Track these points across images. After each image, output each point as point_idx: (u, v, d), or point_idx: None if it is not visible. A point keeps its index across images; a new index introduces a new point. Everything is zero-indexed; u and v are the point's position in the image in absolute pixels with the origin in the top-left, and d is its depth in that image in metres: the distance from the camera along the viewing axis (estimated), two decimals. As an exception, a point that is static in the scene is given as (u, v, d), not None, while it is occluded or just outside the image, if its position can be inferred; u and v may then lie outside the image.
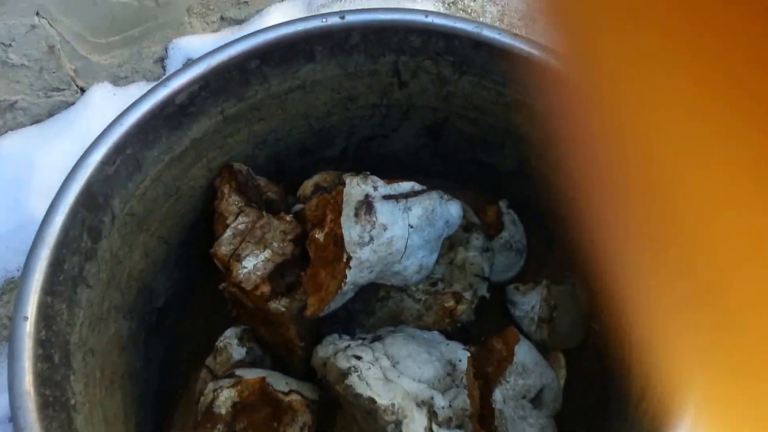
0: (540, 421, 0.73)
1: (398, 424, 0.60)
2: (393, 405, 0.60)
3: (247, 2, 1.14)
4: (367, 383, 0.62)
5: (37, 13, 0.94)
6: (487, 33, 0.70)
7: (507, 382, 0.74)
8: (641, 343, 0.63)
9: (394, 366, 0.65)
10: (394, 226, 0.67)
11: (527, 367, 0.75)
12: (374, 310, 0.77)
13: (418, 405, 0.62)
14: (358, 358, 0.64)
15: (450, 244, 0.79)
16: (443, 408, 0.63)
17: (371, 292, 0.76)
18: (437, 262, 0.78)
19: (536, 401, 0.75)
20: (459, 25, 0.70)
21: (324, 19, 0.71)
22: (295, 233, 0.75)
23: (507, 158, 0.88)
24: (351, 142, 0.90)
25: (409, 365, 0.65)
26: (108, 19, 1.00)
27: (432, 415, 0.63)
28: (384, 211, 0.66)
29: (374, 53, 0.75)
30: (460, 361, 0.68)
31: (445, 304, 0.76)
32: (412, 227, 0.68)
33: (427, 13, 0.71)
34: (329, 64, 0.76)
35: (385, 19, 0.71)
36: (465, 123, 0.85)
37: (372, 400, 0.61)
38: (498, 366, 0.74)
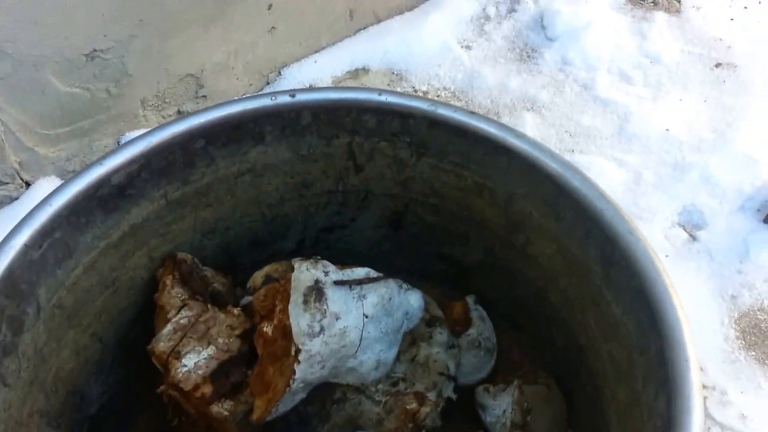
0: None
1: None
2: None
3: (205, 96, 1.13)
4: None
5: (-20, 102, 0.91)
6: (443, 111, 0.68)
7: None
8: None
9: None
10: (347, 316, 0.61)
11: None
12: (329, 414, 0.70)
13: None
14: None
15: (412, 339, 0.74)
16: None
17: (326, 393, 0.69)
18: (398, 359, 0.73)
19: None
20: (414, 103, 0.68)
21: (273, 98, 0.68)
22: (243, 328, 0.70)
23: (472, 249, 0.84)
24: (308, 233, 0.86)
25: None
26: (57, 110, 0.97)
27: None
28: (336, 299, 0.61)
29: (327, 134, 0.73)
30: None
31: (407, 407, 0.70)
32: (367, 317, 0.63)
33: (380, 91, 0.69)
34: (280, 146, 0.73)
35: (338, 98, 0.69)
36: (426, 211, 0.82)
37: None
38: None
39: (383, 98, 0.69)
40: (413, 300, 0.68)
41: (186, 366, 0.65)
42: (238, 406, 0.66)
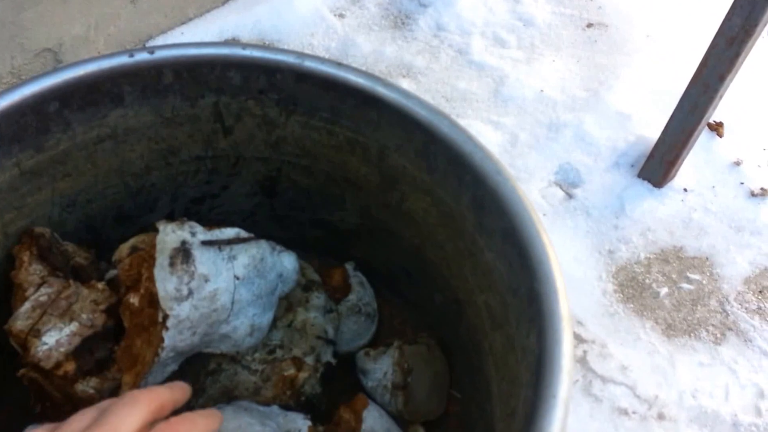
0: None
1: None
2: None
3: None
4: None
5: None
6: (310, 63, 0.69)
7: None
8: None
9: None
10: (217, 278, 0.62)
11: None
12: (204, 387, 0.70)
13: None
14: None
15: (288, 305, 0.75)
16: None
17: (199, 366, 0.70)
18: (275, 326, 0.74)
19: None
20: (280, 56, 0.69)
21: (131, 55, 0.67)
22: (108, 302, 0.68)
23: (349, 213, 0.86)
24: (177, 205, 0.85)
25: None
26: None
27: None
28: (204, 260, 0.61)
29: (192, 94, 0.72)
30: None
31: (285, 373, 0.71)
32: (238, 279, 0.63)
33: (245, 45, 0.69)
34: (142, 109, 0.72)
35: (200, 53, 0.69)
36: (300, 174, 0.83)
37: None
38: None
39: (248, 52, 0.69)
40: (287, 261, 0.69)
41: (46, 344, 0.63)
42: (105, 383, 0.65)
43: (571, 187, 1.31)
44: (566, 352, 0.52)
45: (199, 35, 1.40)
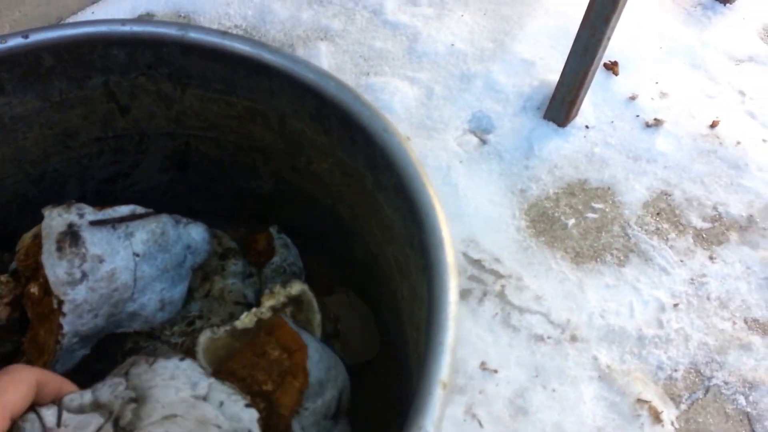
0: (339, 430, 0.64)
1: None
2: None
3: None
4: None
5: None
6: (194, 34, 0.61)
7: (305, 410, 0.63)
8: None
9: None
10: (113, 257, 0.55)
11: (323, 382, 0.64)
12: (126, 366, 0.64)
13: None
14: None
15: (204, 275, 0.69)
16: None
17: (115, 345, 0.63)
18: (192, 297, 0.67)
19: (335, 413, 0.65)
20: (161, 29, 0.61)
21: (4, 41, 0.59)
22: (12, 294, 0.61)
23: (263, 179, 0.80)
24: (87, 187, 0.77)
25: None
26: None
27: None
28: (96, 241, 0.55)
29: (77, 76, 0.64)
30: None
31: (204, 341, 0.65)
32: (138, 255, 0.57)
33: (123, 21, 0.61)
34: (26, 96, 0.63)
35: (78, 33, 0.61)
36: (208, 146, 0.76)
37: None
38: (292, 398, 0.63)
39: (127, 28, 0.61)
40: (195, 233, 0.63)
41: (-51, 342, 0.57)
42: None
43: (484, 134, 1.26)
44: (452, 299, 0.47)
45: (110, 13, 1.29)
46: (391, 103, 1.27)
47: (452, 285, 0.46)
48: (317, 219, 0.81)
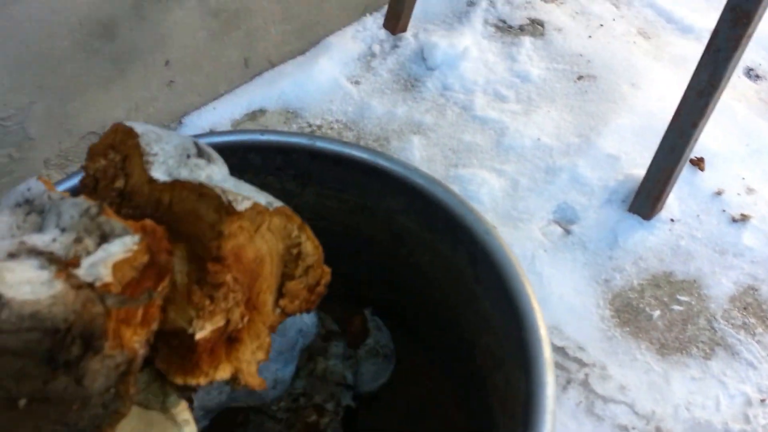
0: None
1: None
2: None
3: (110, 150, 1.12)
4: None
5: None
6: (321, 144, 0.70)
7: None
8: None
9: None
10: (244, 338, 0.62)
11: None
12: (238, 436, 0.70)
13: None
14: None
15: (309, 355, 0.75)
16: None
17: (228, 419, 0.69)
18: (297, 375, 0.73)
19: None
20: (294, 139, 0.70)
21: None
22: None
23: (364, 264, 0.86)
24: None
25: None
26: (-40, 177, 0.94)
27: None
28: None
29: (218, 175, 0.73)
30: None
31: (308, 420, 0.70)
32: (263, 337, 0.63)
33: (263, 131, 0.70)
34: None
35: (223, 140, 0.70)
36: (318, 234, 0.83)
37: None
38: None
39: (264, 137, 0.70)
40: (306, 317, 0.70)
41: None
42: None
43: (569, 224, 1.29)
44: (549, 393, 0.51)
45: (229, 109, 1.43)
46: (478, 193, 1.34)
47: (550, 380, 0.50)
48: (411, 304, 0.86)
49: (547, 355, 0.52)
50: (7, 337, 0.29)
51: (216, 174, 0.41)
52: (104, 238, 0.34)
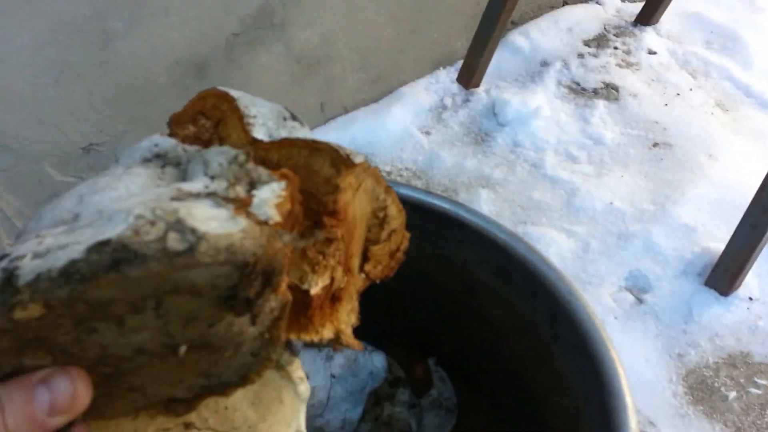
0: None
1: None
2: None
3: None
4: None
5: (-21, 191, 0.93)
6: (403, 191, 0.70)
7: None
8: None
9: None
10: (315, 376, 0.62)
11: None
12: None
13: None
14: None
15: (376, 400, 0.74)
16: None
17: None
18: (363, 418, 0.73)
19: None
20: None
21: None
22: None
23: (432, 312, 0.85)
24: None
25: None
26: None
27: None
28: (305, 360, 0.62)
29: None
30: None
31: (374, 463, 0.69)
32: (334, 377, 0.63)
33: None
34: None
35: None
36: (392, 280, 0.83)
37: None
38: None
39: (346, 179, 0.71)
40: (377, 361, 0.69)
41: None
42: None
43: (641, 293, 1.26)
44: (637, 467, 0.49)
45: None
46: (546, 253, 1.31)
47: (636, 450, 0.48)
48: (477, 357, 0.85)
49: (633, 423, 0.50)
50: (199, 272, 0.28)
51: (309, 136, 0.42)
52: (252, 185, 0.34)
